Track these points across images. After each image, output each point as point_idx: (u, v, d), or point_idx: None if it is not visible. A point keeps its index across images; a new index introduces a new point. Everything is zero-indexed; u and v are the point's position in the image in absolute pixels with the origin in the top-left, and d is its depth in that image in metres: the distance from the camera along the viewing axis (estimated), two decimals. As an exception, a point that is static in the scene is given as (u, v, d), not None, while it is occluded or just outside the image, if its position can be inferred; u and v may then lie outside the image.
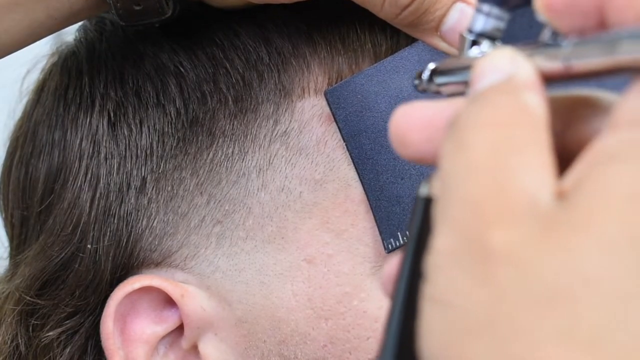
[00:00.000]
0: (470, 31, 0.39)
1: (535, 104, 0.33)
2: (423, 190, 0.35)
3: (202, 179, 0.56)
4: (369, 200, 0.54)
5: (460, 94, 0.38)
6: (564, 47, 0.34)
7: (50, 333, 0.58)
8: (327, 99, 0.55)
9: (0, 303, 0.61)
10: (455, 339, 0.31)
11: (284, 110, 0.56)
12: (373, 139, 0.55)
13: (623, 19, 0.32)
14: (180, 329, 0.57)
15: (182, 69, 0.58)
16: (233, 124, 0.56)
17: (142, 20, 0.56)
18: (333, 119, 0.55)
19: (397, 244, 0.54)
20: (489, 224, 0.31)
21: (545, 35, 0.35)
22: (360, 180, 0.55)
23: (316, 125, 0.56)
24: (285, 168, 0.56)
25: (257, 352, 0.56)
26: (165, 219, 0.57)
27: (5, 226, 0.64)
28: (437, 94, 0.41)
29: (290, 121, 0.56)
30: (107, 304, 0.57)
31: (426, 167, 0.55)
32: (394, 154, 0.55)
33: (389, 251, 0.54)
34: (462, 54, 0.40)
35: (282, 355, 0.55)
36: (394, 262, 0.36)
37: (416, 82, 0.41)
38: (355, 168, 0.55)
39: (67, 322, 0.58)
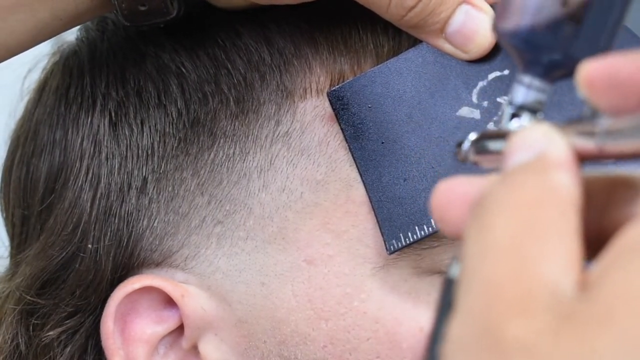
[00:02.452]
0: (510, 103, 0.38)
1: (566, 185, 0.32)
2: (453, 271, 0.34)
3: (203, 179, 0.56)
4: (371, 201, 0.54)
5: (499, 168, 0.37)
6: (600, 126, 0.33)
7: (51, 332, 0.58)
8: (330, 100, 0.55)
9: (0, 302, 0.61)
10: None
11: (285, 110, 0.56)
12: (375, 140, 0.55)
13: None
14: (180, 329, 0.57)
15: (183, 70, 0.58)
16: (234, 125, 0.56)
17: (147, 21, 0.56)
18: (335, 120, 0.55)
19: (399, 245, 0.54)
20: (505, 313, 0.30)
21: (587, 111, 0.34)
22: (363, 181, 0.55)
23: (318, 125, 0.56)
24: (287, 168, 0.56)
25: (257, 353, 0.56)
26: (166, 219, 0.57)
27: (6, 225, 0.64)
28: (476, 165, 0.39)
29: (292, 122, 0.56)
30: (107, 304, 0.57)
31: (430, 169, 0.55)
32: (396, 156, 0.55)
33: (391, 252, 0.54)
34: (501, 127, 0.39)
35: (282, 355, 0.55)
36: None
37: (456, 151, 0.40)
38: (357, 169, 0.55)
39: (68, 321, 0.58)
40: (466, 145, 0.38)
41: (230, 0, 0.57)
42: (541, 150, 0.33)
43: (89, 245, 0.57)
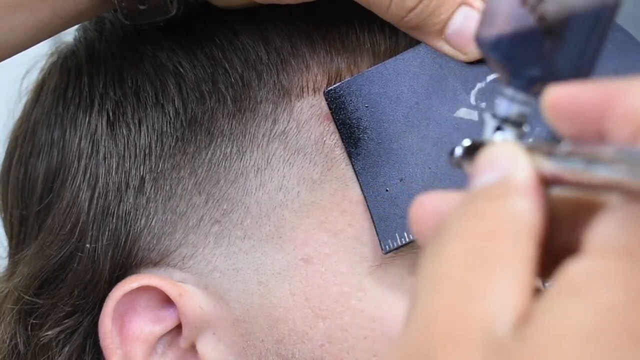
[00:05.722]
0: (494, 116, 0.38)
1: (525, 212, 0.32)
2: None
3: (201, 178, 0.57)
4: (366, 200, 0.54)
5: None
6: (558, 151, 0.33)
7: (49, 332, 0.58)
8: (326, 99, 0.55)
9: (-1, 302, 0.61)
10: None
11: (282, 109, 0.56)
12: (372, 140, 0.55)
13: (619, 134, 0.31)
14: (178, 328, 0.57)
15: (181, 69, 0.58)
16: (231, 124, 0.57)
17: (146, 20, 0.56)
18: (331, 119, 0.55)
19: (395, 244, 0.54)
20: (439, 349, 0.30)
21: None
22: (358, 180, 0.55)
23: (315, 124, 0.56)
24: (283, 167, 0.56)
25: (255, 352, 0.56)
26: (163, 219, 0.57)
27: (4, 225, 0.64)
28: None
29: (289, 121, 0.56)
30: (105, 303, 0.57)
31: (426, 170, 0.55)
32: (393, 156, 0.55)
33: (386, 252, 0.54)
34: (485, 139, 0.38)
35: (280, 354, 0.55)
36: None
37: (450, 157, 0.39)
38: (353, 168, 0.55)
39: (66, 321, 0.58)
40: (458, 152, 0.38)
41: (230, -1, 0.57)
42: (505, 173, 0.33)
43: (87, 245, 0.57)
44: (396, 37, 0.57)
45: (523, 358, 0.29)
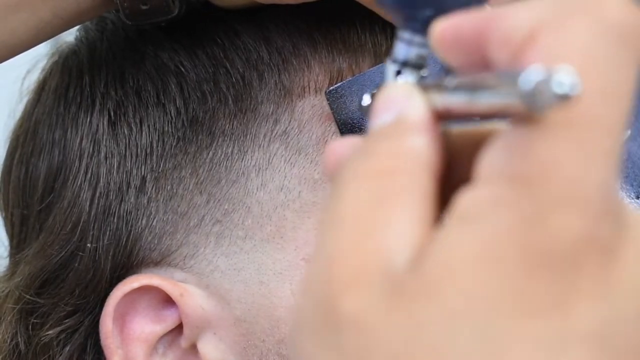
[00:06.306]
0: (394, 61, 0.38)
1: (420, 148, 0.32)
2: None
3: (202, 178, 0.57)
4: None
5: None
6: (446, 83, 0.33)
7: (50, 332, 0.58)
8: (328, 99, 0.55)
9: (0, 302, 0.61)
10: None
11: (283, 109, 0.56)
12: (373, 139, 0.55)
13: (498, 58, 0.31)
14: (179, 328, 0.57)
15: (182, 69, 0.58)
16: (233, 124, 0.57)
17: (148, 20, 0.56)
18: (333, 119, 0.55)
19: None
20: (340, 287, 0.30)
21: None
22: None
23: (316, 124, 0.56)
24: (285, 167, 0.56)
25: (256, 351, 0.56)
26: (164, 218, 0.57)
27: (6, 225, 0.64)
28: None
29: (290, 121, 0.56)
30: (106, 303, 0.57)
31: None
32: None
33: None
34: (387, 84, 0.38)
35: (281, 354, 0.55)
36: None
37: (360, 106, 0.39)
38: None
39: (67, 320, 0.58)
40: (366, 100, 0.38)
41: (232, -1, 0.57)
42: (400, 112, 0.33)
43: (88, 245, 0.57)
44: (398, 37, 0.57)
45: (419, 292, 0.29)
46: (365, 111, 0.37)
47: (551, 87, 0.29)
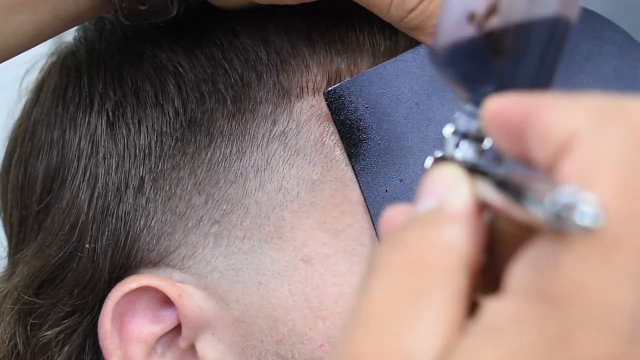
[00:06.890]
0: (455, 132, 0.36)
1: (456, 241, 0.31)
2: None
3: (201, 179, 0.57)
4: (366, 201, 0.54)
5: None
6: (495, 174, 0.32)
7: (49, 332, 0.58)
8: (326, 99, 0.55)
9: (-2, 302, 0.61)
10: None
11: (282, 110, 0.56)
12: (372, 141, 0.55)
13: (536, 156, 0.31)
14: (178, 328, 0.57)
15: (181, 70, 0.58)
16: (231, 124, 0.57)
17: (147, 20, 0.56)
18: (331, 120, 0.55)
19: (395, 244, 0.54)
20: None
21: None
22: (358, 181, 0.55)
23: (314, 125, 0.56)
24: (283, 168, 0.56)
25: (254, 352, 0.56)
26: (163, 219, 0.57)
27: (4, 225, 0.64)
28: None
29: (289, 121, 0.56)
30: (105, 304, 0.57)
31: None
32: (393, 156, 0.55)
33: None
34: (447, 155, 0.37)
35: (280, 355, 0.55)
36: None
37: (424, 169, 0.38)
38: (353, 169, 0.55)
39: (66, 321, 0.58)
40: (428, 164, 0.37)
41: (230, -1, 0.57)
42: (442, 199, 0.32)
43: (87, 245, 0.57)
44: (396, 38, 0.57)
45: None
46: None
47: (574, 217, 0.28)
